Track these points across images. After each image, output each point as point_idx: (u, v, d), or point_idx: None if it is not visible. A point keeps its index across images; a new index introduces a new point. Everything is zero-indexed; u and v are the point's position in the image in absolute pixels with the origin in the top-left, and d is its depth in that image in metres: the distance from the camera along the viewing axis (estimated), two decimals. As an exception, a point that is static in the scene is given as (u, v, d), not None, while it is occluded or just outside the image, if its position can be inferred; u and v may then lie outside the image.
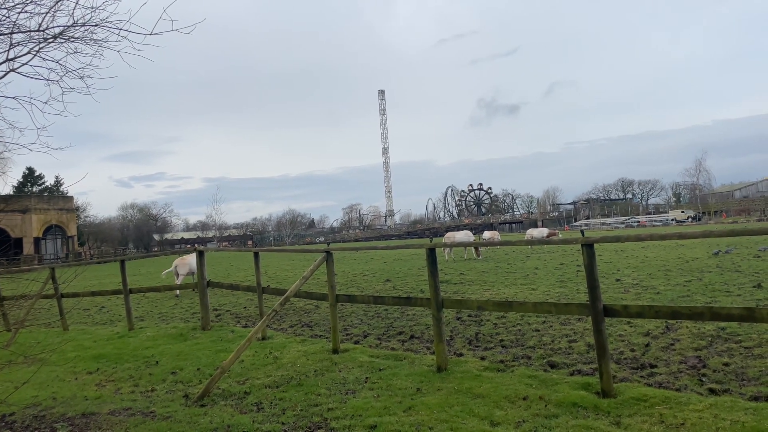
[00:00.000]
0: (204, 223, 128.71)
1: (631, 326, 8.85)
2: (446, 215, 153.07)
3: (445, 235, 31.15)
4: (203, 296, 11.52)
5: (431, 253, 7.27)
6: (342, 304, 12.72)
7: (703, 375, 6.30)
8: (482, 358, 7.61)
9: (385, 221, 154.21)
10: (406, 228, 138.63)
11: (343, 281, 19.13)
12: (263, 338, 9.75)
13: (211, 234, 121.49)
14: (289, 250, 10.03)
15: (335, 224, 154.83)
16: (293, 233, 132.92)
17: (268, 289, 10.57)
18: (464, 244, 9.05)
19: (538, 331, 9.11)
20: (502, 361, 7.41)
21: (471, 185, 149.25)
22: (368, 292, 15.75)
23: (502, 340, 8.63)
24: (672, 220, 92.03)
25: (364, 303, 9.68)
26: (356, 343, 9.21)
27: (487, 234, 34.49)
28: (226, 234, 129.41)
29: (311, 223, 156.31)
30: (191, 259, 19.79)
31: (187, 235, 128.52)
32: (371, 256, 35.51)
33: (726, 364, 6.62)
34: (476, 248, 27.20)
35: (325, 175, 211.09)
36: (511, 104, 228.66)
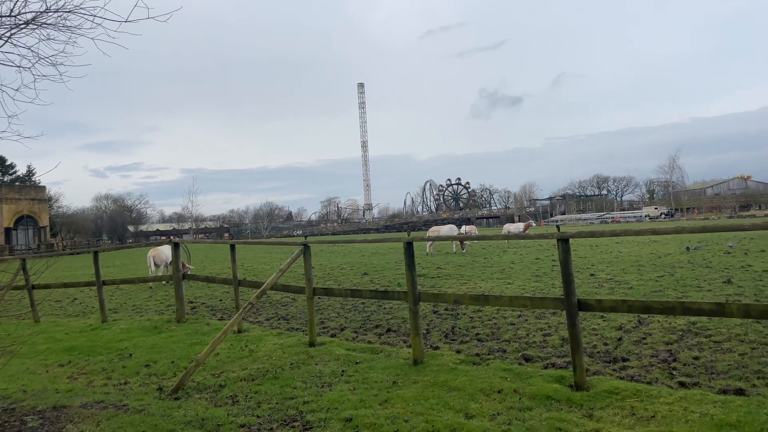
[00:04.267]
0: (180, 214, 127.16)
1: (604, 320, 8.96)
2: (424, 209, 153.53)
3: (430, 229, 31.18)
4: (178, 288, 11.41)
5: (409, 247, 7.26)
6: (319, 298, 12.70)
7: (674, 368, 6.38)
8: (458, 352, 7.65)
9: (363, 215, 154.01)
10: (384, 222, 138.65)
11: (321, 274, 19.11)
12: (239, 331, 9.70)
13: (187, 226, 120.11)
14: (266, 242, 9.92)
15: (313, 217, 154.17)
16: (271, 226, 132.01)
17: (245, 282, 10.50)
18: (447, 238, 9.12)
19: (514, 324, 9.18)
20: (477, 355, 7.45)
21: (449, 180, 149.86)
22: (345, 285, 15.73)
23: (477, 334, 8.68)
24: (645, 216, 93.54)
25: (342, 296, 9.68)
26: (333, 336, 9.20)
27: (465, 228, 34.65)
28: (203, 226, 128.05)
29: (289, 216, 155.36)
30: (165, 249, 19.57)
31: (162, 227, 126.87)
32: (349, 250, 35.45)
33: (696, 358, 6.71)
34: (461, 242, 27.34)
35: (305, 167, 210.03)
36: (494, 99, 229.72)
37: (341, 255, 30.80)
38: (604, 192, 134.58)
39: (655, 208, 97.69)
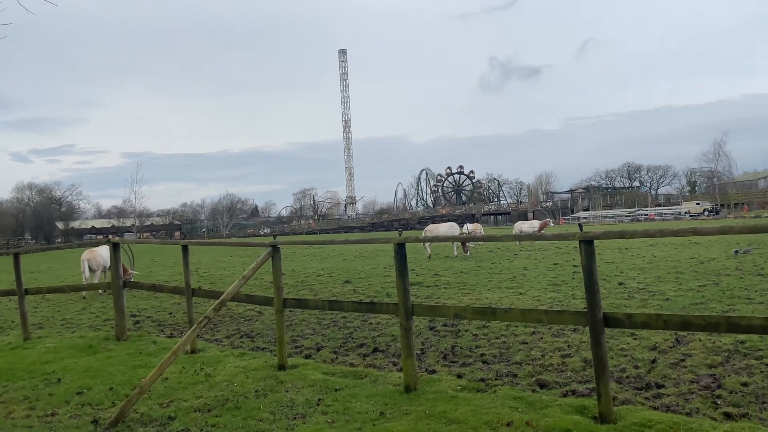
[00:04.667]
0: (121, 209, 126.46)
1: (635, 339, 9.00)
2: (419, 204, 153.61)
3: (426, 228, 31.12)
4: (118, 299, 11.32)
5: (400, 249, 7.25)
6: (291, 310, 12.64)
7: (718, 397, 6.40)
8: (459, 376, 7.67)
9: (345, 210, 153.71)
10: (370, 218, 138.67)
11: (293, 282, 19.10)
12: (193, 351, 9.68)
13: (129, 222, 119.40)
14: (226, 243, 9.92)
15: (284, 213, 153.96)
16: (232, 223, 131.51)
17: (200, 291, 10.49)
18: (447, 239, 9.17)
19: (526, 343, 9.20)
20: (482, 380, 7.46)
21: (450, 168, 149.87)
22: (323, 295, 15.75)
23: (483, 355, 8.70)
24: (685, 213, 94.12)
25: (318, 309, 9.79)
26: (307, 357, 9.20)
27: (468, 227, 34.66)
28: (149, 223, 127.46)
29: (254, 211, 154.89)
30: (103, 251, 19.43)
31: (98, 224, 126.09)
32: (327, 253, 35.41)
33: (745, 384, 6.72)
34: (464, 243, 27.49)
35: (274, 152, 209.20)
36: (507, 70, 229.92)
37: (318, 259, 30.71)
38: (636, 184, 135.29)
39: (697, 204, 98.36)
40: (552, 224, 40.40)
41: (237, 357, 9.27)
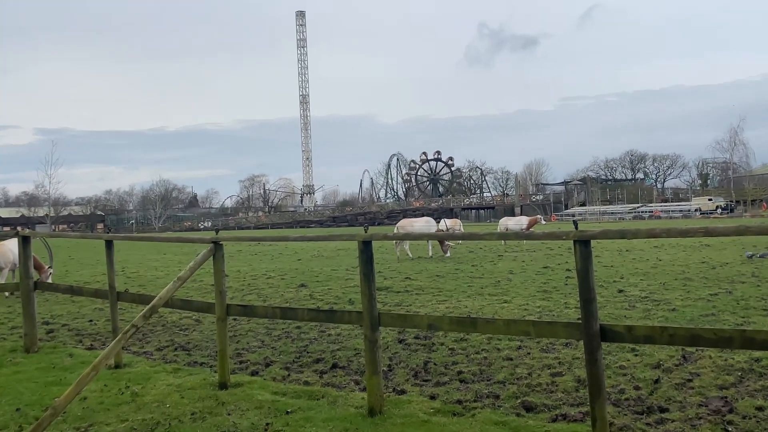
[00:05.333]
0: (32, 195, 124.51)
1: (636, 355, 9.09)
2: (389, 195, 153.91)
3: (399, 224, 31.04)
4: (28, 303, 11.16)
5: (366, 249, 7.21)
6: (235, 319, 12.55)
7: (730, 423, 6.47)
8: (432, 397, 7.70)
9: (302, 201, 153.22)
10: (330, 212, 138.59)
11: (238, 286, 19.03)
12: (117, 366, 9.59)
13: (42, 212, 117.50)
14: (159, 238, 9.86)
15: (229, 203, 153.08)
16: (167, 214, 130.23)
17: (127, 295, 10.38)
18: (422, 236, 9.16)
19: (511, 360, 9.25)
20: (459, 402, 7.49)
21: (425, 154, 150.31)
22: (274, 301, 15.74)
23: (460, 372, 8.73)
24: (695, 210, 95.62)
25: (268, 317, 9.76)
26: (254, 374, 9.15)
27: (445, 224, 34.53)
28: (66, 213, 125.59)
29: (193, 201, 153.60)
30: (12, 246, 19.09)
31: (4, 213, 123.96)
32: (280, 251, 35.29)
33: (760, 409, 6.81)
34: (441, 242, 27.66)
35: (219, 130, 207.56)
36: (499, 40, 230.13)
37: (268, 258, 30.66)
38: (640, 176, 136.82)
39: (709, 200, 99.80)
40: (543, 221, 40.61)
41: (170, 373, 9.19)
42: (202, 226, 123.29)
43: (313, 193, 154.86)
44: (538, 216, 43.94)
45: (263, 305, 12.49)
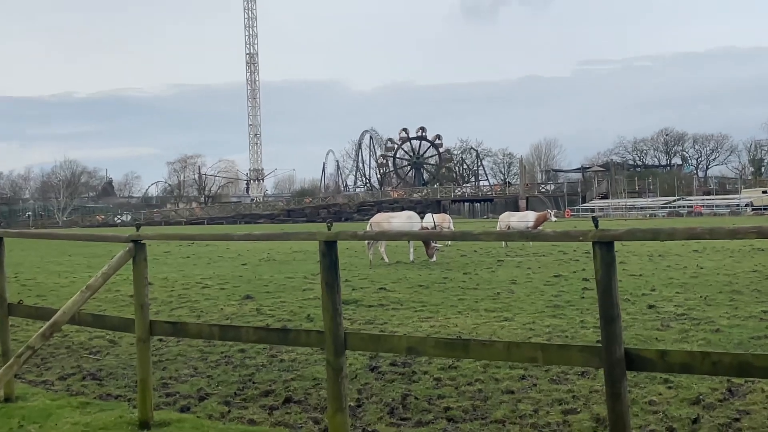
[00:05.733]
0: None
1: (669, 387, 8.75)
2: (359, 182, 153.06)
3: (373, 219, 30.83)
4: None
5: (330, 250, 6.91)
6: (161, 339, 12.33)
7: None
8: (413, 440, 7.54)
9: (248, 190, 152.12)
10: (285, 203, 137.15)
11: (166, 297, 18.73)
12: (8, 399, 9.15)
13: None
14: (63, 236, 9.40)
15: (154, 191, 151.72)
16: (73, 205, 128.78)
17: (21, 308, 10.03)
18: (401, 236, 8.48)
19: (512, 393, 8.91)
20: (447, 446, 7.40)
21: (406, 131, 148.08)
22: (211, 317, 15.44)
23: (448, 409, 8.40)
24: (746, 205, 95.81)
25: (203, 338, 9.85)
26: (185, 410, 8.74)
27: (430, 220, 34.35)
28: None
29: (108, 188, 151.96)
30: None
31: None
32: (220, 253, 35.63)
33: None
34: (427, 243, 27.49)
35: (143, 98, 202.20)
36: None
37: (205, 262, 30.90)
38: (677, 161, 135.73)
39: (764, 192, 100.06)
40: (553, 218, 40.63)
41: (76, 408, 8.74)
42: (119, 221, 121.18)
43: (263, 180, 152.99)
44: (548, 211, 43.68)
45: (197, 322, 12.24)
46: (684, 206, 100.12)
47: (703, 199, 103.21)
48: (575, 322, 13.24)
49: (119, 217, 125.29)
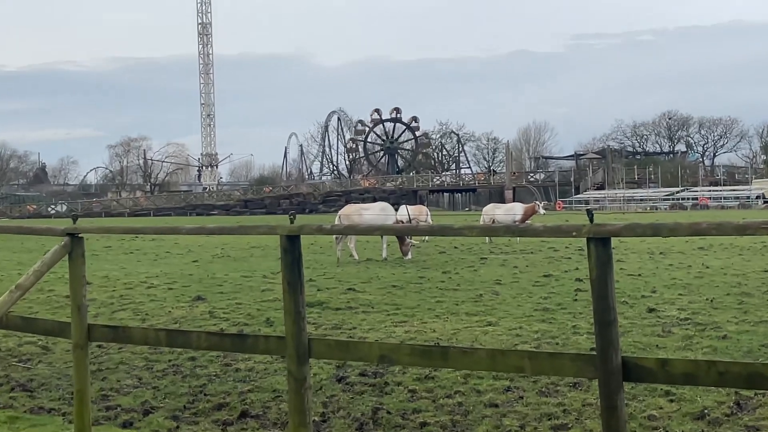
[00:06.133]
0: None
1: (671, 401, 8.73)
2: (326, 169, 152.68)
3: (341, 212, 30.96)
4: None
5: (292, 246, 6.78)
6: (101, 346, 12.28)
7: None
8: (386, 460, 7.52)
9: (200, 177, 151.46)
10: (242, 192, 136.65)
11: (106, 298, 18.53)
12: None
13: None
14: None
15: (93, 178, 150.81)
16: (1, 193, 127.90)
17: None
18: (373, 230, 8.34)
19: (496, 407, 8.84)
20: (424, 467, 7.41)
21: (378, 112, 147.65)
22: (158, 321, 15.31)
23: (424, 425, 8.35)
24: (757, 197, 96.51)
25: (149, 344, 9.89)
26: (127, 425, 8.64)
27: (405, 212, 34.27)
28: None
29: (41, 175, 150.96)
30: None
31: None
32: (167, 248, 35.73)
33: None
34: (401, 238, 27.57)
35: (80, 72, 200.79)
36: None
37: (150, 258, 30.91)
38: (681, 147, 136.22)
39: None
40: (543, 211, 40.88)
41: (4, 424, 8.65)
42: (53, 211, 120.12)
43: (216, 166, 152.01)
44: (537, 203, 43.81)
45: (142, 327, 12.10)
46: (688, 198, 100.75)
47: (709, 191, 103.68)
48: (567, 327, 13.27)
49: (53, 207, 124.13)
